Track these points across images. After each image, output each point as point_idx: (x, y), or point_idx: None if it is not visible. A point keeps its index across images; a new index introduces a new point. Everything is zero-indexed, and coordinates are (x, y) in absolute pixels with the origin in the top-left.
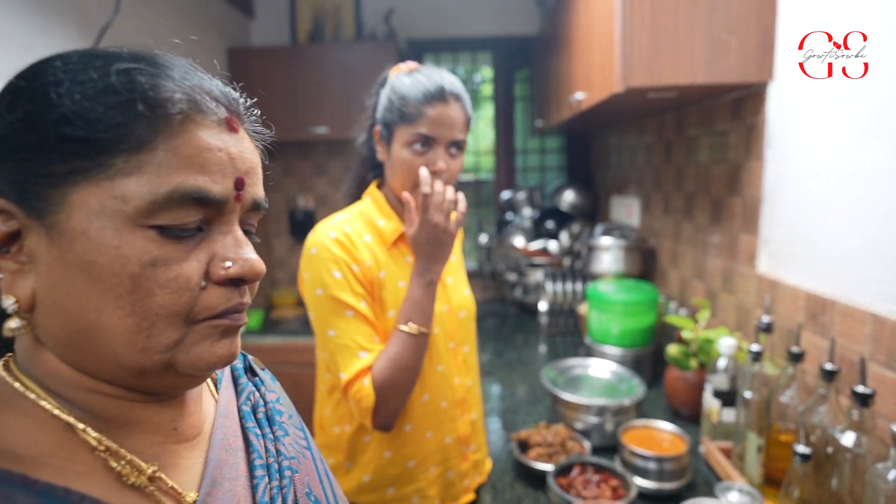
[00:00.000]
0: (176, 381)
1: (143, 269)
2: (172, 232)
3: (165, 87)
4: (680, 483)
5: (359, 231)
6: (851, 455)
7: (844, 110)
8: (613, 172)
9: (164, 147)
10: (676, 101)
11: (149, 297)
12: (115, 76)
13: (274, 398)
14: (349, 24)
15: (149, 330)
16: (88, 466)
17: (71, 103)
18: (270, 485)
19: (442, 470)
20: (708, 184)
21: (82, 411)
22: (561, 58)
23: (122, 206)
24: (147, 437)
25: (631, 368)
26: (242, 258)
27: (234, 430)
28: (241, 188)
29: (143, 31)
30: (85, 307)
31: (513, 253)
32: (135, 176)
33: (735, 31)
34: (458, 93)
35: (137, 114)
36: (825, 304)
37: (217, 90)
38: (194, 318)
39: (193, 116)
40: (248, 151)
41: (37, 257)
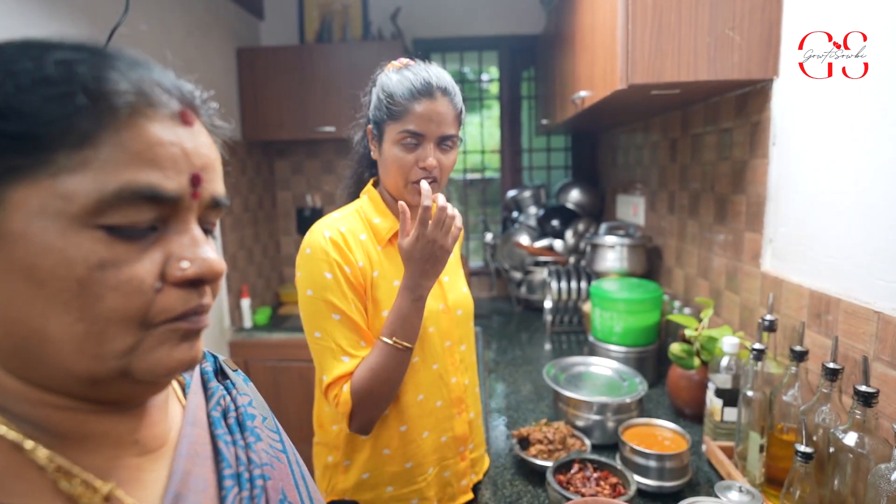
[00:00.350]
0: (133, 390)
1: (90, 271)
2: (123, 232)
3: (110, 77)
4: (680, 482)
5: (354, 229)
6: (854, 455)
7: (850, 107)
8: (619, 171)
9: (111, 142)
10: (681, 99)
11: (98, 301)
12: (52, 66)
13: (246, 402)
14: (357, 23)
15: (100, 336)
16: (37, 487)
17: (3, 96)
18: (241, 495)
19: (439, 470)
20: (713, 182)
21: (32, 426)
22: (565, 56)
23: (66, 206)
24: (104, 452)
25: (634, 367)
26: (201, 258)
27: (202, 439)
28: (197, 185)
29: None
30: (29, 314)
31: (518, 251)
32: (79, 173)
33: (738, 27)
34: (446, 87)
35: (78, 106)
36: (829, 303)
37: (168, 82)
38: (151, 321)
39: (143, 109)
40: (204, 146)
41: None
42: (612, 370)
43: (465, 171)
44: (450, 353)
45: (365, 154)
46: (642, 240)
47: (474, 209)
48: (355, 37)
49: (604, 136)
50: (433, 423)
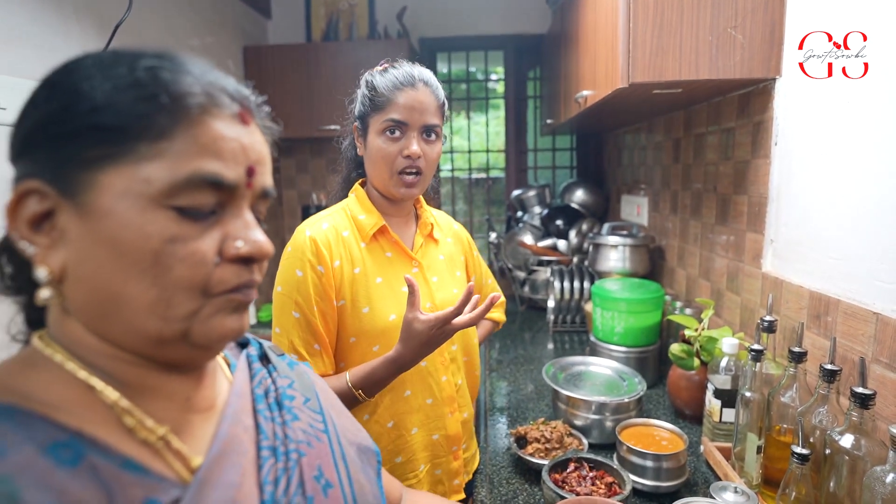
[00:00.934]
0: (190, 353)
1: (163, 245)
2: (189, 213)
3: (185, 82)
4: (677, 482)
5: (338, 226)
6: (850, 457)
7: (852, 108)
8: (624, 171)
9: (183, 136)
10: (684, 99)
11: (168, 270)
12: (141, 72)
13: (286, 384)
14: (363, 22)
15: (168, 301)
16: (104, 418)
17: (102, 95)
18: (276, 466)
19: (430, 468)
20: (715, 182)
21: (104, 375)
22: (569, 55)
23: (146, 188)
24: (161, 403)
25: (635, 367)
26: (252, 239)
27: (246, 409)
28: (251, 176)
29: (159, 30)
30: (110, 279)
31: (522, 250)
32: (156, 161)
33: (741, 26)
34: (427, 79)
35: (160, 105)
36: (829, 304)
37: (231, 87)
38: (210, 291)
39: (210, 109)
40: (258, 143)
41: (67, 234)
42: (611, 370)
43: (470, 171)
44: (439, 352)
45: (353, 157)
46: (645, 240)
47: (479, 208)
48: (361, 36)
49: (608, 137)
50: (422, 420)
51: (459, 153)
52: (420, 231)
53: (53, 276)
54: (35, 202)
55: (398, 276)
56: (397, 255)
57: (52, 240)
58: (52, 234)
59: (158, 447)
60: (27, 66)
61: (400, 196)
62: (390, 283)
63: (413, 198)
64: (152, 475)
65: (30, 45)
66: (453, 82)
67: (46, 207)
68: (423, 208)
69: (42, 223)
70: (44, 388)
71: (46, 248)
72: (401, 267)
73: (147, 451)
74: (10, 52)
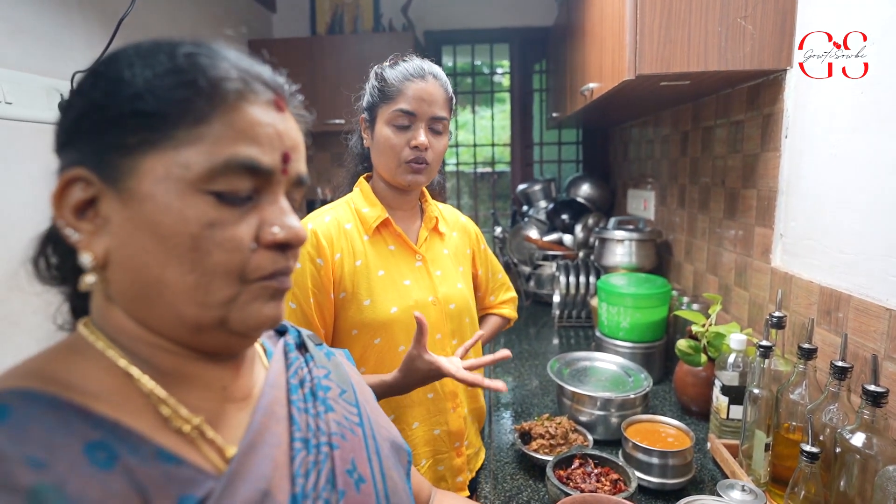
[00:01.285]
0: (227, 341)
1: (201, 229)
2: (227, 198)
3: (222, 67)
4: (683, 479)
5: (340, 218)
6: (861, 456)
7: (864, 99)
8: (630, 165)
9: (221, 121)
10: (692, 91)
11: (207, 255)
12: (181, 58)
13: (322, 374)
14: (368, 15)
15: (207, 286)
16: (140, 408)
17: (143, 82)
18: (307, 458)
19: (432, 463)
20: (724, 176)
21: (142, 363)
22: (576, 47)
23: (185, 173)
24: (197, 393)
25: (641, 363)
26: (288, 225)
27: (280, 400)
28: (287, 162)
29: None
30: (151, 263)
31: (527, 245)
32: (195, 146)
33: (751, 16)
34: (436, 73)
35: (199, 90)
36: (840, 299)
37: (266, 74)
38: (247, 277)
39: (246, 95)
40: (293, 130)
41: (110, 220)
42: (617, 366)
43: (475, 165)
44: (441, 347)
45: (360, 153)
46: (651, 234)
47: (484, 203)
48: (366, 29)
49: (615, 130)
50: (424, 415)
51: (465, 147)
52: (425, 225)
53: (97, 261)
54: (79, 190)
55: (401, 269)
56: (400, 248)
57: (95, 226)
58: (95, 220)
59: (193, 437)
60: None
61: (406, 183)
62: (392, 277)
63: (419, 186)
64: (188, 465)
65: (33, 38)
66: (458, 76)
67: (90, 195)
68: (429, 202)
69: (86, 210)
70: (84, 376)
71: (90, 234)
72: (404, 260)
73: (182, 441)
74: (15, 46)
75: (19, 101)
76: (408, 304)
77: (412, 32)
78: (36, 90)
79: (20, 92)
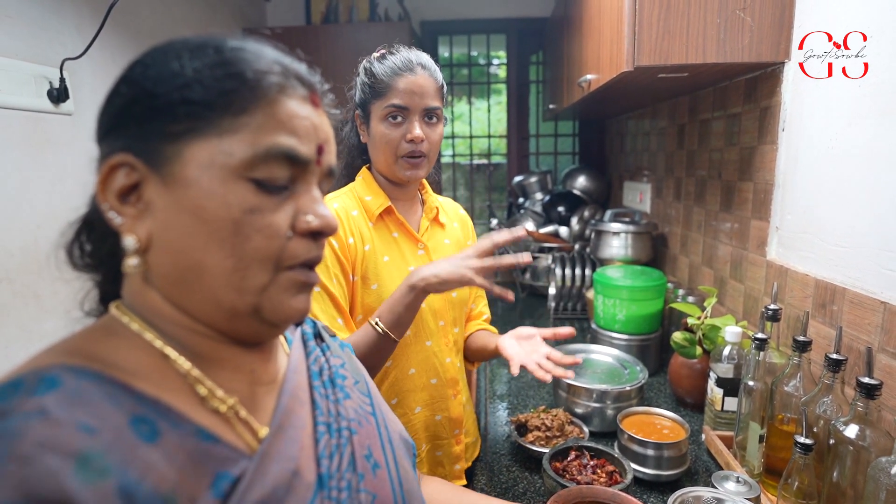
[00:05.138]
0: (259, 329)
1: (242, 214)
2: (266, 185)
3: (266, 63)
4: (678, 471)
5: (347, 206)
6: (854, 447)
7: (861, 93)
8: (626, 157)
9: (263, 112)
10: (689, 83)
11: (246, 240)
12: (228, 52)
13: (338, 363)
14: (363, 5)
15: (244, 271)
16: (178, 387)
17: (192, 72)
18: (330, 441)
19: (431, 448)
20: (720, 168)
21: (177, 344)
22: (573, 39)
23: (228, 160)
24: (228, 375)
25: (637, 355)
26: (321, 214)
27: (303, 385)
28: (321, 153)
29: (156, 11)
30: (193, 247)
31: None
32: (238, 134)
33: (750, 7)
34: (425, 63)
35: (244, 81)
36: (835, 292)
37: (304, 71)
38: (282, 264)
39: (286, 89)
40: (326, 124)
41: (153, 205)
42: (613, 358)
43: (471, 157)
44: (443, 333)
45: (356, 144)
46: (647, 227)
47: (480, 194)
48: (362, 18)
49: (611, 122)
50: (426, 400)
51: (461, 139)
52: (426, 215)
53: (140, 245)
54: (123, 175)
55: (404, 256)
56: (403, 236)
57: (138, 210)
58: (138, 205)
59: (229, 416)
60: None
61: (406, 178)
62: (397, 262)
63: (418, 179)
64: (224, 444)
65: (21, 24)
66: (455, 66)
67: (134, 180)
68: (428, 193)
69: (129, 195)
70: (123, 356)
71: (133, 218)
72: (407, 248)
73: (218, 420)
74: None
75: (6, 88)
76: None
77: (408, 22)
78: (23, 77)
79: (7, 79)
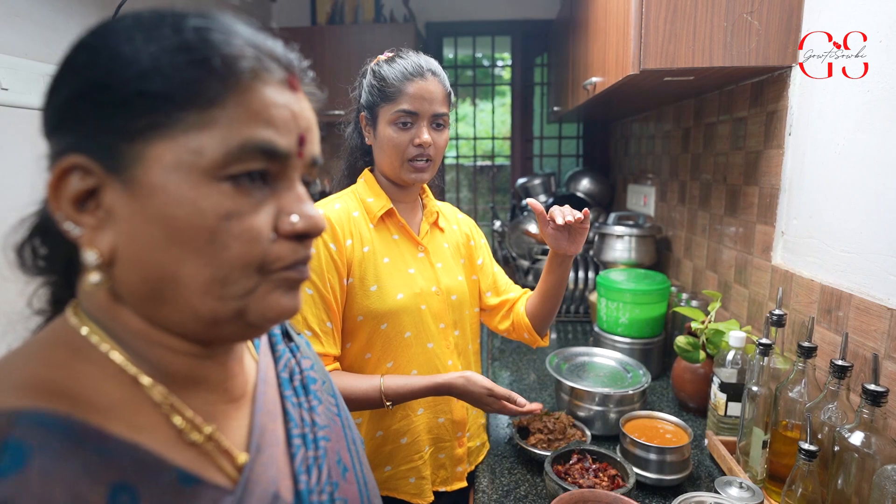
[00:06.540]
0: (243, 332)
1: (218, 221)
2: (244, 184)
3: (236, 44)
4: (681, 476)
5: (348, 207)
6: (859, 455)
7: (870, 97)
8: (630, 160)
9: (234, 102)
10: (695, 87)
11: (224, 248)
12: (189, 33)
13: (308, 365)
14: (369, 6)
15: (224, 279)
16: (152, 421)
17: (149, 59)
18: (307, 454)
19: (434, 451)
20: (725, 172)
21: (149, 365)
22: (579, 41)
23: (197, 160)
24: (203, 395)
25: (639, 358)
26: (307, 213)
27: (273, 397)
28: (303, 144)
29: None
30: (164, 259)
31: (526, 239)
32: (207, 130)
33: (757, 11)
34: (434, 69)
35: (212, 70)
36: (841, 298)
37: (279, 50)
38: (267, 268)
39: (260, 74)
40: (307, 110)
41: (115, 212)
42: (615, 361)
43: (475, 158)
44: (443, 336)
45: (359, 145)
46: (651, 230)
47: (483, 196)
48: (367, 19)
49: (616, 125)
50: (429, 402)
51: (464, 140)
52: (426, 219)
53: (103, 259)
54: (78, 179)
55: (405, 258)
56: (404, 238)
57: (98, 220)
58: (97, 213)
59: (208, 448)
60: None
61: (411, 181)
62: (397, 264)
63: (423, 182)
64: (206, 484)
65: (30, 22)
66: (459, 68)
67: (91, 185)
68: (429, 197)
69: (86, 202)
70: (94, 387)
71: (93, 228)
72: (407, 250)
73: (197, 454)
74: (11, 30)
75: (15, 87)
76: (413, 292)
77: (413, 24)
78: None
79: (16, 78)
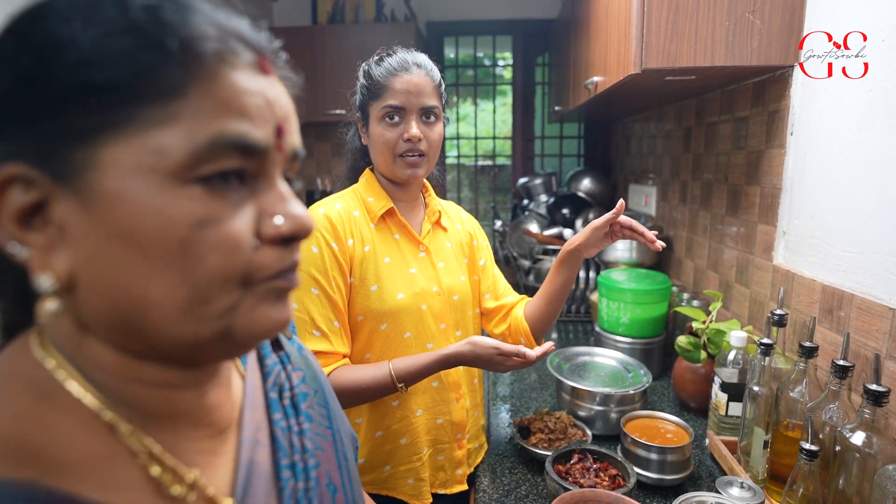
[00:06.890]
0: (229, 351)
1: (190, 230)
2: (215, 184)
3: (196, 23)
4: (681, 475)
5: (349, 206)
6: (861, 455)
7: (872, 97)
8: (632, 160)
9: (199, 92)
10: (697, 86)
11: (200, 262)
12: (138, 12)
13: (299, 378)
14: (369, 5)
15: (203, 298)
16: (130, 476)
17: (90, 45)
18: (297, 486)
19: (433, 452)
20: (727, 172)
21: (123, 405)
22: (580, 40)
23: (160, 162)
24: (186, 433)
25: (640, 358)
26: (292, 214)
27: (261, 424)
28: (281, 136)
29: None
30: (130, 280)
31: (527, 239)
32: (169, 126)
33: (760, 10)
34: (420, 62)
35: (168, 55)
36: (842, 298)
37: (246, 30)
38: (251, 279)
39: (227, 57)
40: (282, 97)
41: (69, 228)
42: (616, 361)
43: (476, 158)
44: (444, 337)
45: (359, 147)
46: (652, 230)
47: (484, 196)
48: (368, 19)
49: (617, 125)
50: (428, 403)
51: (465, 140)
52: (428, 218)
53: (60, 283)
54: (20, 192)
55: (406, 258)
56: (405, 238)
57: (49, 238)
58: (47, 230)
59: (190, 501)
60: None
61: (405, 178)
62: (398, 264)
63: (419, 179)
64: None
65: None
66: (460, 67)
67: (35, 198)
68: (431, 196)
69: (33, 218)
70: (64, 440)
71: (44, 249)
72: (408, 249)
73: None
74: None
75: None
76: (414, 292)
77: (414, 23)
78: None
79: None
